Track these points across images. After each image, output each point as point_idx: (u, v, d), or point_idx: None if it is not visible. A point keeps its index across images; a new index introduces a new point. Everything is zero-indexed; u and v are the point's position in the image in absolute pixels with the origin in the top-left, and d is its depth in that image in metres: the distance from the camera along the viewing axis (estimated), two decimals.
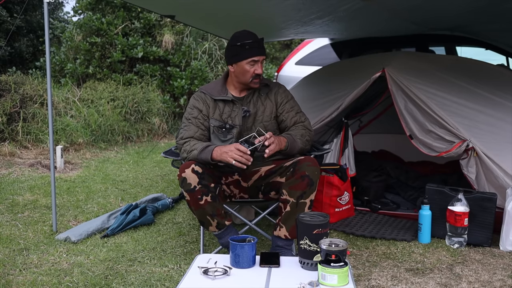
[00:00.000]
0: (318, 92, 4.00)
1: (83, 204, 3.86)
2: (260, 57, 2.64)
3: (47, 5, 3.00)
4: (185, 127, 2.71)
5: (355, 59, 4.77)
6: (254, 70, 2.63)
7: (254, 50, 2.62)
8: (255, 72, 2.63)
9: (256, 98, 2.76)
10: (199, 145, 2.57)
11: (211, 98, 2.73)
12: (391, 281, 2.47)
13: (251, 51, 2.62)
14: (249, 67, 2.63)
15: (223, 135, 2.68)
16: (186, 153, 2.60)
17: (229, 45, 2.71)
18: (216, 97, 2.72)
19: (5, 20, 8.30)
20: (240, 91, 2.76)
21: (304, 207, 2.48)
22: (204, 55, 8.81)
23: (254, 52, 2.62)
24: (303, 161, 2.53)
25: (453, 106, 3.26)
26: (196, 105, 2.73)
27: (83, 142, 6.15)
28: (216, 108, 2.72)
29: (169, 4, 3.56)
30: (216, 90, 2.75)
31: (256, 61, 2.63)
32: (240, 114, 2.70)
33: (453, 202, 2.95)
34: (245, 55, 2.62)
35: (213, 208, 2.50)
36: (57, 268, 2.62)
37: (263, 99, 2.77)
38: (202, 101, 2.74)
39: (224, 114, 2.71)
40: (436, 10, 3.55)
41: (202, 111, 2.72)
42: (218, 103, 2.73)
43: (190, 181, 2.45)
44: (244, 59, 2.62)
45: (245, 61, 2.63)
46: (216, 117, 2.71)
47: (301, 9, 3.54)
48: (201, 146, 2.55)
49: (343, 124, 3.68)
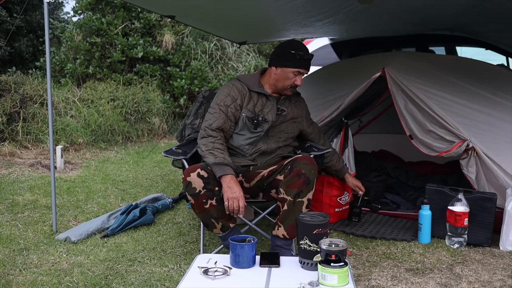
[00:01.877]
0: (318, 92, 4.00)
1: (83, 204, 3.86)
2: (305, 71, 2.76)
3: (47, 5, 3.00)
4: (215, 114, 2.70)
5: (355, 59, 4.77)
6: (295, 80, 2.74)
7: (304, 62, 2.73)
8: (295, 82, 2.74)
9: (288, 103, 2.88)
10: (219, 154, 2.55)
11: (247, 88, 2.78)
12: (391, 281, 2.47)
13: (301, 62, 2.72)
14: (292, 76, 2.73)
15: (254, 127, 2.73)
16: (204, 148, 2.59)
17: (281, 48, 2.78)
18: (253, 89, 2.78)
19: (5, 20, 8.30)
20: (273, 91, 2.83)
21: (301, 206, 2.48)
22: (204, 55, 8.81)
23: (303, 65, 2.73)
24: (300, 159, 2.55)
25: (453, 106, 3.26)
26: (231, 93, 2.75)
27: (83, 142, 6.15)
28: (250, 99, 2.77)
29: (169, 4, 3.56)
30: (252, 82, 2.81)
31: (301, 73, 2.74)
32: (274, 111, 2.78)
33: (453, 202, 2.95)
34: (294, 64, 2.71)
35: (217, 211, 2.50)
36: (57, 268, 2.62)
37: (293, 106, 2.89)
38: (238, 90, 2.76)
39: (257, 107, 2.76)
40: (436, 10, 3.55)
41: (237, 100, 2.73)
42: (252, 95, 2.78)
43: (195, 185, 2.45)
44: (292, 67, 2.72)
45: (291, 69, 2.72)
46: (250, 108, 2.75)
47: (301, 12, 3.54)
48: (218, 158, 2.52)
49: (343, 124, 3.68)
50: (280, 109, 2.81)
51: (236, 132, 2.74)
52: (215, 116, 2.68)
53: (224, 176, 2.46)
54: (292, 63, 2.72)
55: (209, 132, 2.64)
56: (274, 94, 2.84)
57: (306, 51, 2.76)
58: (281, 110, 2.81)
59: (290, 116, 2.86)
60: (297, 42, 2.83)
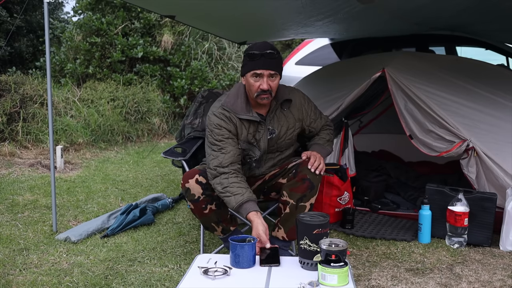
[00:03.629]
0: (318, 92, 3.99)
1: (83, 204, 3.85)
2: (263, 71, 2.36)
3: (47, 5, 3.00)
4: (220, 150, 2.40)
5: (355, 59, 4.77)
6: (259, 85, 2.37)
7: (258, 62, 2.36)
8: (260, 87, 2.37)
9: (280, 114, 2.54)
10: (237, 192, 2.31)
11: (236, 117, 2.45)
12: (391, 281, 2.47)
13: (254, 63, 2.37)
14: (253, 80, 2.38)
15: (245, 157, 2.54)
16: (221, 187, 2.35)
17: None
18: (241, 116, 2.45)
19: (5, 20, 8.30)
20: (260, 106, 2.49)
21: (303, 211, 2.46)
22: (204, 55, 8.81)
23: (258, 64, 2.36)
24: (305, 164, 2.51)
25: (453, 106, 3.26)
26: (223, 125, 2.43)
27: (83, 142, 6.15)
28: (242, 128, 2.47)
29: (169, 4, 3.56)
30: (239, 107, 2.46)
31: (259, 74, 2.37)
32: (265, 136, 2.50)
33: (453, 202, 2.95)
34: (249, 67, 2.40)
35: (218, 216, 2.50)
36: (57, 268, 2.62)
37: (286, 113, 2.55)
38: (227, 120, 2.45)
39: (249, 134, 2.48)
40: (437, 10, 3.54)
41: (231, 131, 2.44)
42: (243, 122, 2.47)
43: (194, 192, 2.43)
44: (248, 71, 2.40)
45: (249, 74, 2.40)
46: (243, 138, 2.48)
47: (302, 12, 3.54)
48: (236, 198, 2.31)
49: (343, 124, 3.68)
50: (270, 131, 2.50)
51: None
52: (222, 152, 2.40)
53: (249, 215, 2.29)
54: (247, 67, 2.40)
55: (221, 171, 2.38)
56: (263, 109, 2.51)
57: (262, 48, 2.38)
58: (271, 133, 2.50)
59: (285, 129, 2.56)
60: (257, 42, 2.47)
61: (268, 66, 2.37)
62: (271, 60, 2.38)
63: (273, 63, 2.39)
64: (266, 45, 2.42)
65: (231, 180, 2.35)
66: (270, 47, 2.40)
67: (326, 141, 2.69)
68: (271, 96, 2.43)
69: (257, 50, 2.38)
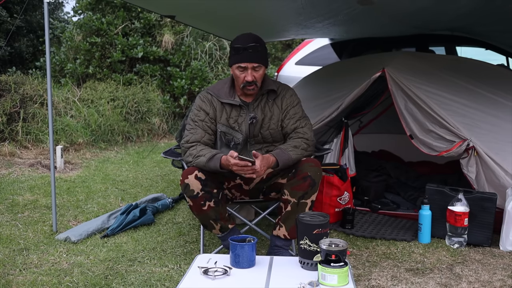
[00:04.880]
0: (318, 92, 4.00)
1: (83, 204, 3.85)
2: (247, 64, 2.48)
3: (47, 5, 3.00)
4: (191, 130, 2.59)
5: (355, 59, 4.77)
6: (244, 76, 2.50)
7: (242, 55, 2.48)
8: (245, 79, 2.49)
9: (264, 104, 2.63)
10: (207, 152, 2.46)
11: (217, 100, 2.61)
12: (391, 281, 2.47)
13: (239, 56, 2.49)
14: (238, 72, 2.51)
15: (227, 141, 2.61)
16: (192, 157, 2.50)
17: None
18: (223, 100, 2.60)
19: (5, 20, 8.30)
20: (246, 95, 2.62)
21: (304, 208, 2.48)
22: (204, 55, 8.81)
23: (242, 58, 2.48)
24: (305, 162, 2.52)
25: (453, 106, 3.26)
26: (203, 107, 2.61)
27: (83, 142, 6.15)
28: (223, 112, 2.60)
29: (169, 4, 3.56)
30: (223, 92, 2.62)
31: (243, 67, 2.49)
32: (247, 120, 2.59)
33: (453, 202, 2.95)
34: (234, 60, 2.52)
35: (216, 213, 2.50)
36: (57, 268, 2.62)
37: (271, 104, 2.64)
38: (208, 103, 2.61)
39: (231, 118, 2.60)
40: (437, 13, 3.55)
41: (209, 114, 2.60)
42: (225, 106, 2.61)
43: (193, 187, 2.43)
44: (233, 63, 2.53)
45: (234, 66, 2.53)
46: (223, 121, 2.60)
47: (302, 13, 3.54)
48: (209, 154, 2.44)
49: (343, 124, 3.68)
50: (252, 117, 2.58)
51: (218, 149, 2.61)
52: (192, 132, 2.58)
53: (221, 161, 2.38)
54: (232, 59, 2.53)
55: (188, 146, 2.55)
56: (250, 98, 2.62)
57: (246, 41, 2.49)
58: (252, 118, 2.58)
59: (268, 118, 2.61)
60: (242, 34, 2.57)
61: (251, 59, 2.49)
62: (255, 53, 2.50)
63: (257, 56, 2.51)
64: (250, 37, 2.53)
65: (199, 148, 2.52)
66: (253, 40, 2.51)
67: (292, 147, 2.54)
68: (256, 87, 2.56)
69: (240, 44, 2.51)
